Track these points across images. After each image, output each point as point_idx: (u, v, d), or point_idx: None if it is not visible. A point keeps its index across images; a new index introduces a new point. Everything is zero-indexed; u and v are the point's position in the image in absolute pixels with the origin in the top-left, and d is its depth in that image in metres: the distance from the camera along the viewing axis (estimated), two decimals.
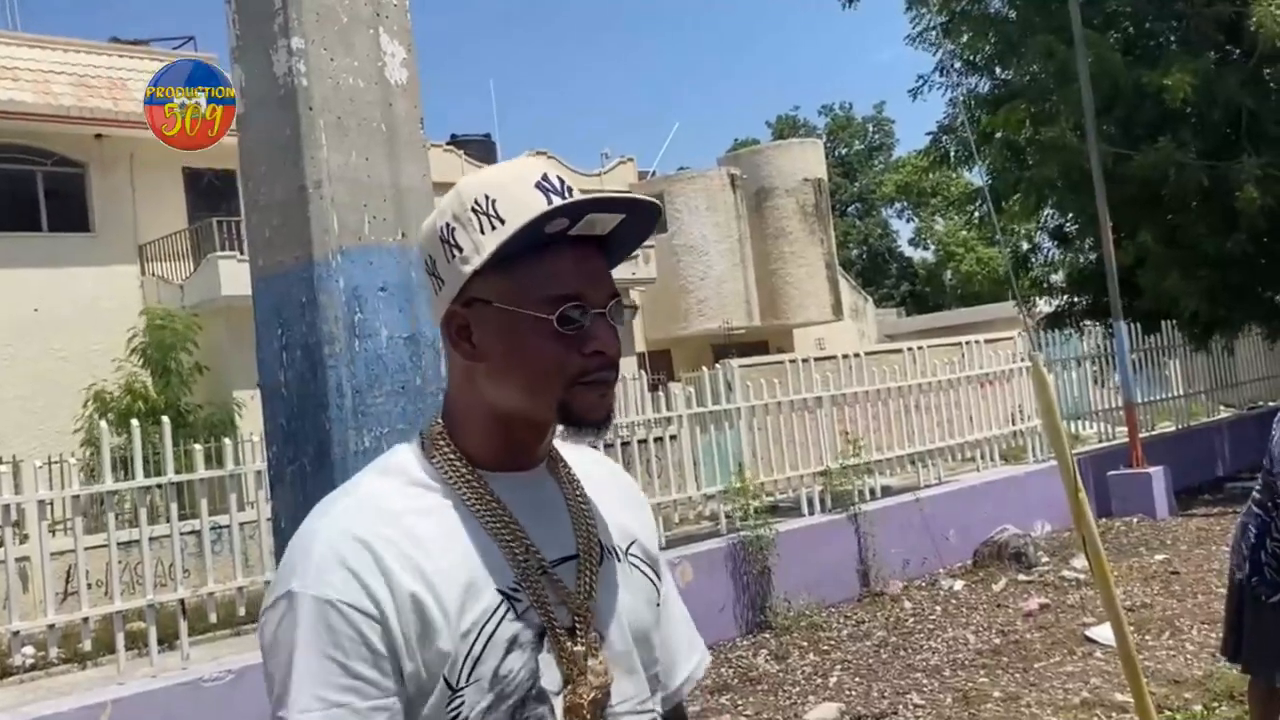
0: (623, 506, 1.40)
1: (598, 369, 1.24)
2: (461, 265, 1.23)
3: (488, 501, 1.24)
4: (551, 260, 1.22)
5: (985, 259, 42.22)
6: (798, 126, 51.17)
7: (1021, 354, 12.08)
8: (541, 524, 1.27)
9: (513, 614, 1.21)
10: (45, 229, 18.54)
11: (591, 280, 1.24)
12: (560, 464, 1.35)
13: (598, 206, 1.21)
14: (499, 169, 1.28)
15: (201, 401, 16.34)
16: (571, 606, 1.25)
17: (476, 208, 1.22)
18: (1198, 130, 12.96)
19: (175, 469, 6.53)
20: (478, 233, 1.22)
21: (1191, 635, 6.71)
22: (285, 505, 2.18)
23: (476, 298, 1.24)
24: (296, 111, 2.13)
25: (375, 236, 2.17)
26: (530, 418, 1.26)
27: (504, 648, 1.19)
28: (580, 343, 1.22)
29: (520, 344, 1.22)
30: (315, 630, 1.15)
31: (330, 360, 2.07)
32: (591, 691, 1.24)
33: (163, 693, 5.74)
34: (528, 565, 1.23)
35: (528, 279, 1.22)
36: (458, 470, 1.25)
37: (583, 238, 1.24)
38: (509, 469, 1.28)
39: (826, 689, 6.52)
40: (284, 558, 1.23)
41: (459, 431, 1.28)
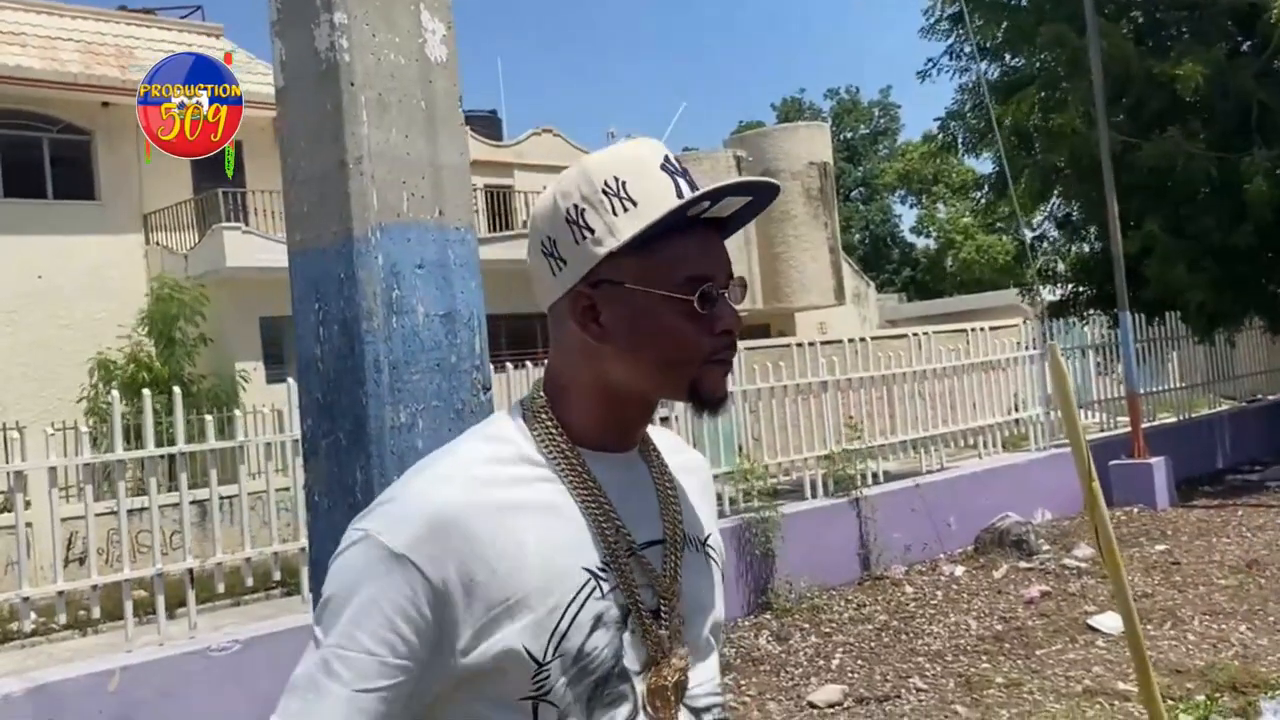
0: (700, 498, 1.42)
1: (725, 348, 1.27)
2: (594, 247, 1.24)
3: (584, 478, 1.26)
4: (684, 243, 1.24)
5: (985, 246, 42.19)
6: (803, 110, 51.08)
7: (1025, 342, 12.10)
8: (632, 506, 1.28)
9: (599, 593, 1.22)
10: (51, 196, 18.51)
11: (718, 261, 1.27)
12: (652, 449, 1.37)
13: (738, 191, 1.24)
14: (620, 150, 1.29)
15: (204, 373, 16.37)
16: (658, 589, 1.27)
17: (608, 189, 1.24)
18: (1207, 121, 12.94)
19: (182, 440, 6.55)
20: (610, 214, 1.23)
21: (1193, 626, 6.75)
22: (319, 478, 2.19)
23: (605, 279, 1.25)
24: (338, 87, 2.13)
25: (413, 214, 2.17)
26: (653, 396, 1.29)
27: (589, 625, 1.21)
28: (711, 323, 1.25)
29: (655, 325, 1.24)
30: (376, 577, 1.16)
31: (368, 336, 2.08)
32: (675, 674, 1.26)
33: (171, 661, 5.78)
34: (617, 546, 1.24)
35: (663, 261, 1.23)
36: (557, 444, 1.26)
37: (706, 220, 1.26)
38: (607, 449, 1.29)
39: (829, 671, 6.56)
40: (375, 501, 1.25)
41: (562, 407, 1.29)
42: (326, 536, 2.20)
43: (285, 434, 7.44)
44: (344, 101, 2.12)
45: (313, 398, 2.20)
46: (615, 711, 1.22)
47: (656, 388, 1.27)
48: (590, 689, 1.21)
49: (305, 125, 2.20)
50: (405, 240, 2.16)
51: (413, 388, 2.13)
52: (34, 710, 5.25)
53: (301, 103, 2.21)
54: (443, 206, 2.23)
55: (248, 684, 5.78)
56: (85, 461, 6.45)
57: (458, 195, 2.26)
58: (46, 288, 17.56)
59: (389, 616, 1.16)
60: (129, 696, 5.51)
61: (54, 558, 6.50)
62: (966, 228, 43.82)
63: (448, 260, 2.22)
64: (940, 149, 17.54)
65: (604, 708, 1.22)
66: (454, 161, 2.26)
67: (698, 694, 1.30)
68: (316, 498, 2.21)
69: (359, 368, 2.11)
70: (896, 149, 51.95)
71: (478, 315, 2.27)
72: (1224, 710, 5.21)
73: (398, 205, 2.15)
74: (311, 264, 2.19)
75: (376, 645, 1.16)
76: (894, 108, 53.53)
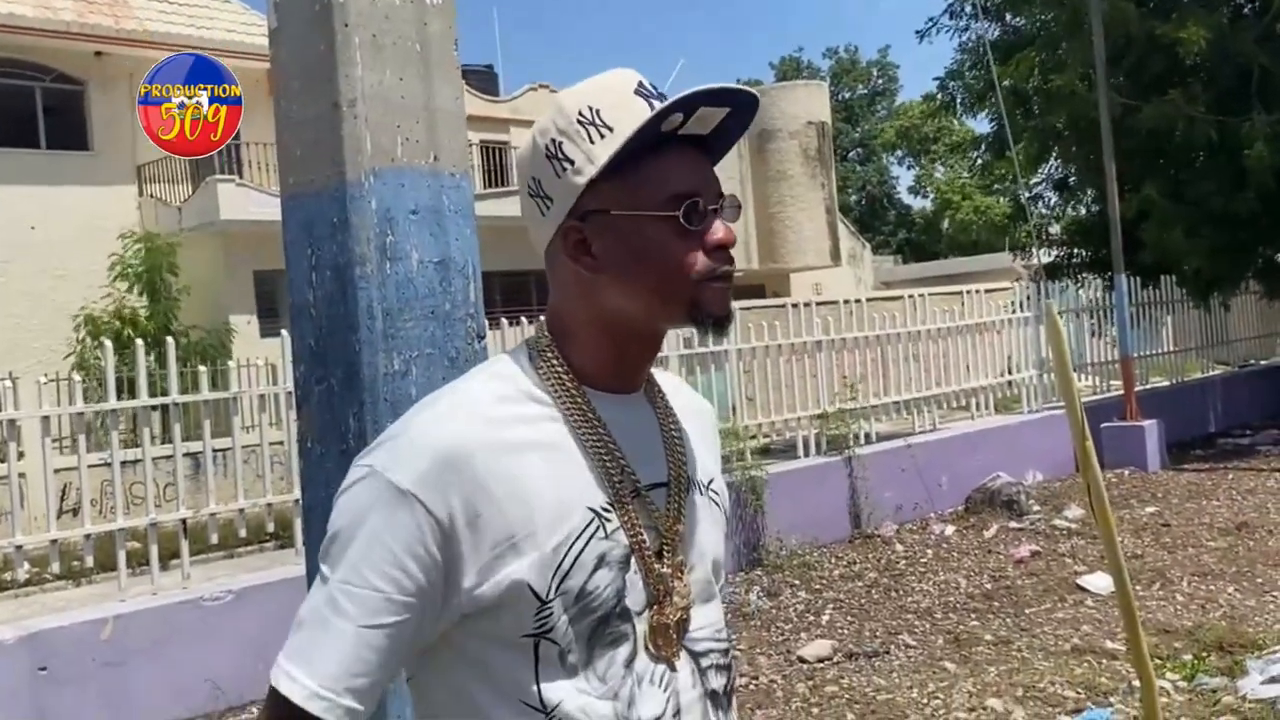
0: (703, 442, 1.41)
1: (720, 263, 1.25)
2: (575, 177, 1.23)
3: (589, 417, 1.25)
4: (664, 162, 1.23)
5: (983, 207, 42.08)
6: (801, 69, 50.74)
7: (1019, 304, 12.10)
8: (637, 447, 1.28)
9: (602, 532, 1.22)
10: (44, 146, 18.38)
11: (703, 178, 1.25)
12: (657, 391, 1.36)
13: (708, 99, 1.21)
14: (593, 82, 1.27)
15: (194, 325, 16.33)
16: (661, 529, 1.27)
17: (582, 119, 1.23)
18: (1208, 85, 12.87)
19: (175, 390, 6.54)
20: (588, 143, 1.22)
21: (1181, 586, 6.79)
22: (311, 425, 2.18)
23: (592, 209, 1.24)
24: (332, 27, 2.10)
25: (408, 158, 2.15)
26: (655, 323, 1.28)
27: (592, 564, 1.21)
28: (702, 240, 1.24)
29: (646, 247, 1.23)
30: (382, 514, 1.16)
31: (361, 282, 2.07)
32: (676, 613, 1.26)
33: (164, 610, 5.80)
34: (622, 486, 1.24)
35: (645, 182, 1.22)
36: (563, 383, 1.26)
37: (685, 138, 1.24)
38: (613, 389, 1.29)
39: (819, 627, 6.60)
40: (380, 437, 1.24)
41: (567, 345, 1.28)
42: (319, 484, 2.20)
43: (279, 386, 7.44)
44: (338, 42, 2.09)
45: (305, 344, 2.19)
46: (615, 651, 1.23)
47: (655, 313, 1.26)
48: (591, 627, 1.21)
49: (299, 67, 2.17)
50: (399, 185, 2.14)
51: (406, 335, 2.11)
52: (28, 658, 5.27)
53: (295, 44, 2.18)
54: (437, 152, 2.20)
55: (240, 634, 5.81)
56: (78, 411, 6.44)
57: (452, 140, 2.23)
58: (39, 239, 17.47)
59: (395, 553, 1.15)
60: (122, 645, 5.53)
61: (47, 508, 6.51)
62: (964, 187, 43.68)
63: (442, 206, 2.20)
64: (939, 109, 17.45)
65: (604, 647, 1.22)
66: (449, 106, 2.23)
67: (698, 636, 1.30)
68: (309, 444, 2.20)
69: (352, 314, 2.09)
70: (895, 109, 51.69)
71: (472, 263, 2.25)
72: (1211, 669, 5.25)
73: (392, 149, 2.13)
74: (304, 208, 2.17)
75: (383, 582, 1.15)
76: (892, 68, 53.26)
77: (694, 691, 1.28)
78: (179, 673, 5.65)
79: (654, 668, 1.25)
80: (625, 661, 1.23)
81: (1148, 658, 3.32)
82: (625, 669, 1.23)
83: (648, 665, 1.24)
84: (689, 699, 1.27)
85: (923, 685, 5.40)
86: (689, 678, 1.28)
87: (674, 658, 1.26)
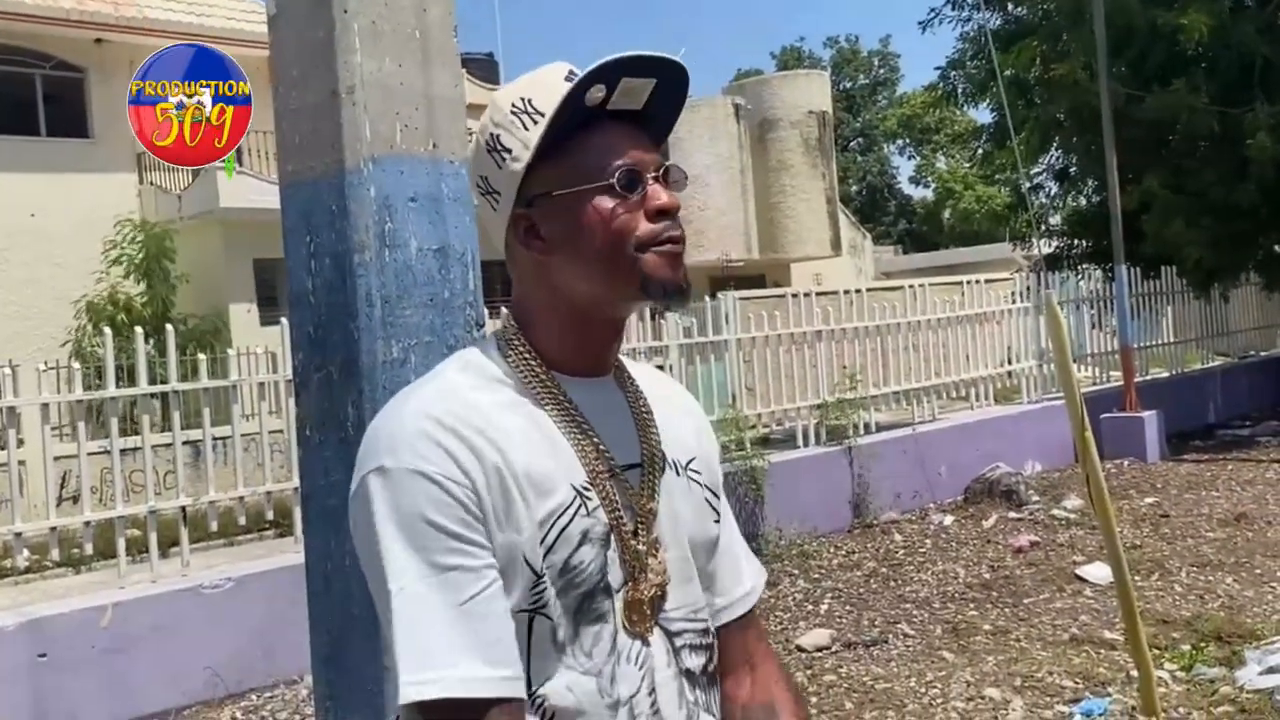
0: (683, 424, 1.42)
1: (665, 229, 1.26)
2: (514, 164, 1.26)
3: (560, 401, 1.27)
4: (597, 136, 1.25)
5: (984, 197, 42.01)
6: (802, 58, 50.65)
7: (1019, 294, 12.10)
8: (609, 429, 1.29)
9: (584, 510, 1.23)
10: (44, 134, 18.34)
11: (640, 149, 1.27)
12: (626, 375, 1.37)
13: (629, 68, 1.23)
14: (525, 77, 1.31)
15: (192, 312, 16.32)
16: (636, 508, 1.28)
17: (515, 109, 1.26)
18: (1210, 75, 12.85)
19: (175, 378, 6.53)
20: (522, 130, 1.25)
21: (1180, 577, 6.80)
22: (310, 412, 2.18)
23: (536, 194, 1.26)
24: (331, 13, 2.10)
25: (407, 145, 2.15)
26: (609, 299, 1.28)
27: (576, 540, 1.22)
28: (643, 205, 1.25)
29: (587, 221, 1.24)
30: (410, 502, 1.16)
31: (360, 269, 2.06)
32: (650, 589, 1.28)
33: (163, 597, 5.81)
34: (599, 465, 1.26)
35: (578, 158, 1.25)
36: (532, 369, 1.27)
37: (621, 116, 1.26)
38: (580, 373, 1.30)
39: (817, 616, 6.60)
40: (366, 442, 1.24)
41: (532, 333, 1.30)
42: (317, 471, 2.20)
43: (279, 374, 7.43)
44: (337, 29, 2.09)
45: (304, 331, 2.19)
46: (600, 628, 1.24)
47: (607, 289, 1.26)
48: (577, 602, 1.23)
49: (298, 54, 2.17)
50: (398, 173, 2.14)
51: (405, 322, 2.11)
52: (28, 644, 5.28)
53: (294, 30, 2.18)
54: (436, 139, 2.20)
55: (240, 622, 5.83)
56: (78, 398, 6.44)
57: (451, 128, 2.23)
58: (39, 226, 17.44)
59: (446, 529, 1.16)
60: (121, 632, 5.54)
61: (47, 495, 6.51)
62: (965, 177, 43.61)
63: (441, 194, 2.20)
64: (940, 99, 17.41)
65: (589, 623, 1.23)
66: (448, 93, 2.23)
67: (673, 616, 1.31)
68: (308, 432, 2.20)
69: (351, 301, 2.09)
70: (896, 99, 51.58)
71: (471, 251, 2.25)
72: (1209, 659, 5.26)
73: (390, 136, 2.13)
74: (303, 196, 2.17)
75: (455, 558, 1.15)
76: (894, 57, 53.11)
77: (668, 670, 1.29)
78: (178, 660, 5.66)
79: (631, 645, 1.26)
80: (610, 638, 1.25)
81: (1146, 648, 3.32)
82: (611, 646, 1.24)
83: (626, 642, 1.26)
84: (663, 677, 1.29)
85: (921, 675, 5.40)
86: (663, 656, 1.29)
87: (647, 634, 1.28)
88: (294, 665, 5.67)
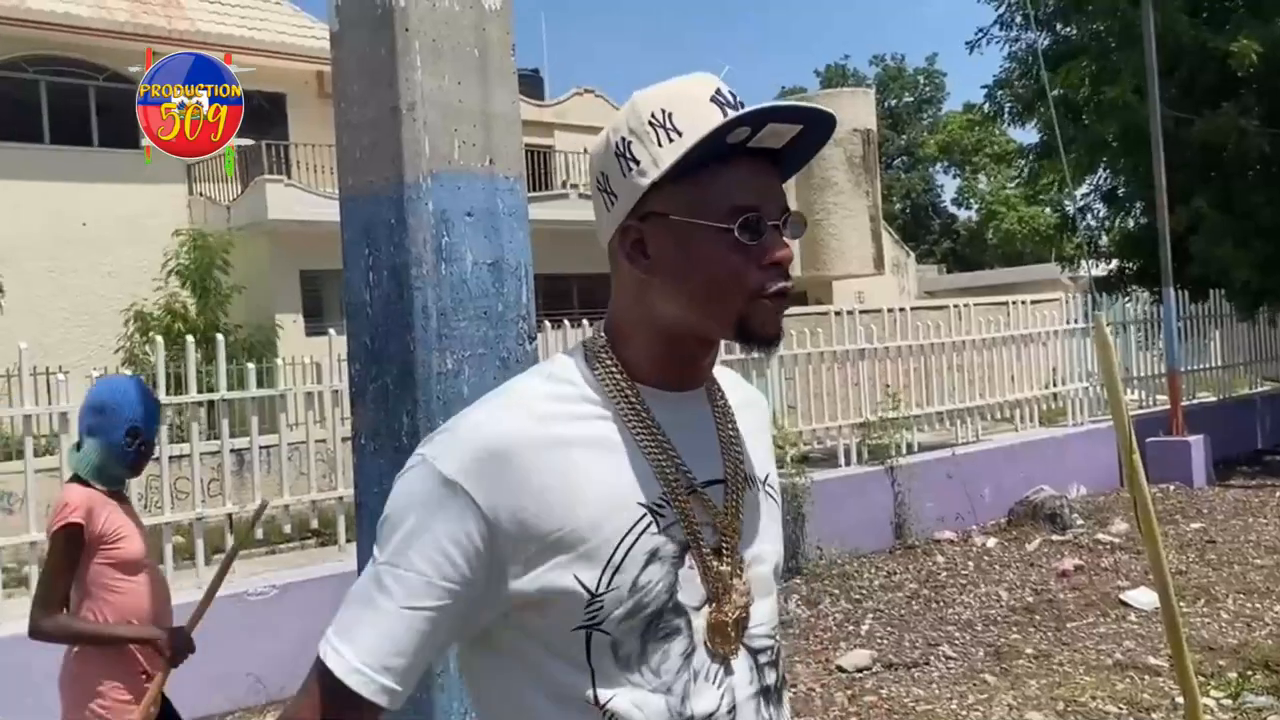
0: (759, 436, 1.42)
1: (775, 281, 1.24)
2: (639, 178, 1.23)
3: (642, 416, 1.26)
4: (729, 172, 1.23)
5: (1028, 218, 41.72)
6: (847, 76, 50.54)
7: (1067, 316, 12.00)
8: (693, 445, 1.28)
9: (655, 528, 1.23)
10: (96, 144, 18.63)
11: (767, 193, 1.25)
12: (716, 389, 1.36)
13: (779, 115, 1.21)
14: (673, 83, 1.27)
15: (241, 323, 16.49)
16: (719, 527, 1.27)
17: (654, 121, 1.23)
18: (1260, 97, 12.72)
19: (224, 387, 6.61)
20: (655, 146, 1.22)
21: (1227, 604, 6.71)
22: (366, 422, 2.22)
23: (653, 211, 1.24)
24: (393, 32, 2.13)
25: (464, 162, 2.18)
26: (702, 332, 1.27)
27: (644, 559, 1.21)
28: (758, 255, 1.23)
29: (698, 256, 1.23)
30: (429, 501, 1.19)
31: (417, 282, 2.10)
32: (735, 610, 1.27)
33: None
34: (676, 483, 1.25)
35: (706, 191, 1.22)
36: (616, 382, 1.27)
37: (756, 151, 1.24)
38: (668, 388, 1.29)
39: (858, 636, 6.57)
40: (437, 430, 1.27)
41: (622, 346, 1.29)
42: (372, 480, 2.23)
43: (324, 384, 7.50)
44: (398, 46, 2.12)
45: (361, 342, 2.22)
46: (670, 645, 1.23)
47: (702, 323, 1.26)
48: (645, 622, 1.22)
49: (359, 70, 2.20)
50: (455, 188, 2.17)
51: (460, 335, 2.14)
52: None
53: (356, 47, 2.21)
54: (493, 155, 2.23)
55: (283, 629, 5.87)
56: None
57: (508, 145, 2.26)
58: (90, 235, 17.72)
59: (439, 540, 1.18)
60: None
61: None
62: (1008, 198, 43.33)
63: (497, 209, 2.22)
64: (986, 118, 17.33)
65: (658, 640, 1.22)
66: (505, 111, 2.26)
67: (756, 634, 1.30)
68: (363, 441, 2.23)
69: (407, 314, 2.12)
70: (940, 119, 51.34)
71: (525, 265, 2.27)
72: (1256, 688, 5.19)
73: (449, 153, 2.16)
74: (363, 209, 2.20)
75: (426, 565, 1.18)
76: (939, 75, 52.89)
77: (750, 688, 1.29)
78: (222, 665, 5.70)
79: (710, 664, 1.25)
80: (682, 656, 1.23)
81: (1192, 675, 3.29)
82: (682, 663, 1.23)
83: (704, 661, 1.25)
84: (744, 695, 1.28)
85: (962, 697, 5.37)
86: (746, 674, 1.29)
87: (732, 655, 1.27)
88: None
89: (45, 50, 18.10)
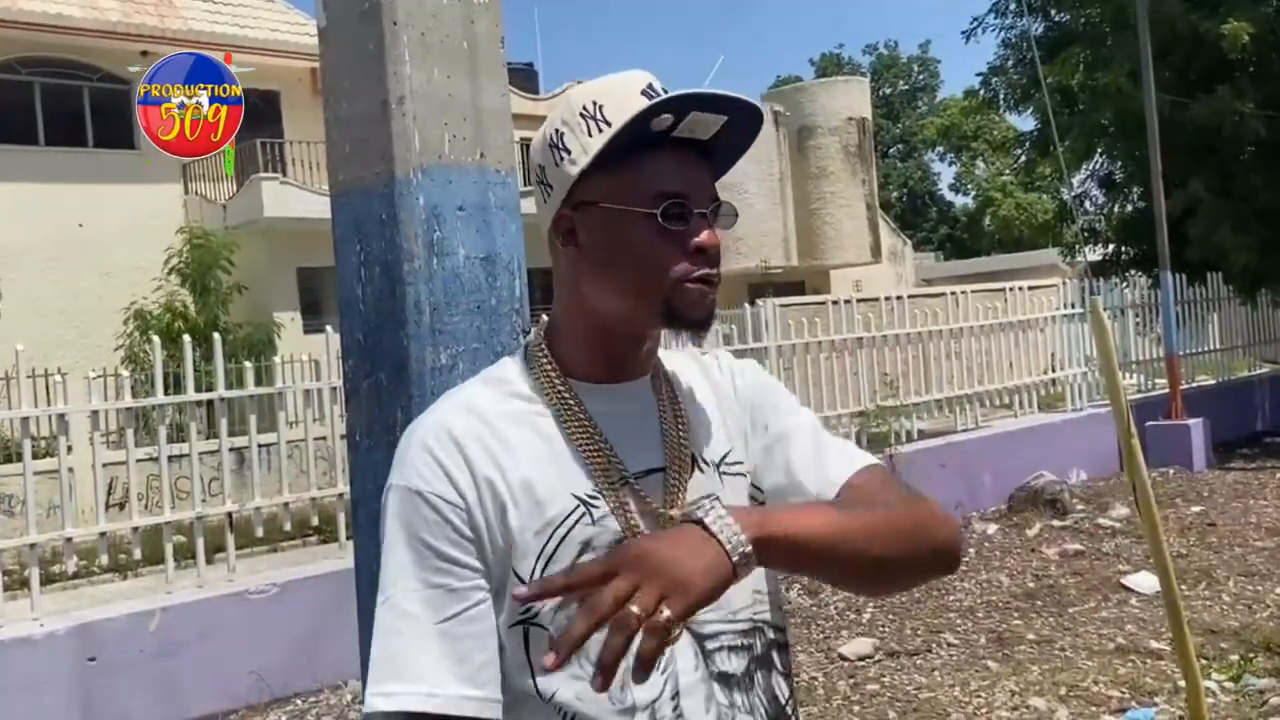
0: (718, 412, 1.39)
1: (700, 266, 1.26)
2: (569, 167, 1.27)
3: (574, 412, 1.29)
4: (655, 160, 1.26)
5: (1025, 204, 41.71)
6: (841, 65, 50.49)
7: (1064, 302, 12.00)
8: (632, 436, 1.30)
9: (588, 519, 1.25)
10: (91, 145, 18.63)
11: (695, 182, 1.27)
12: (661, 377, 1.37)
13: (700, 103, 1.23)
14: (607, 78, 1.31)
15: (240, 321, 16.48)
16: (655, 515, 1.28)
17: (585, 113, 1.26)
18: (1255, 80, 12.71)
19: (222, 386, 6.61)
20: (585, 135, 1.26)
21: (1227, 586, 6.72)
22: (360, 419, 2.21)
23: (583, 200, 1.28)
24: (381, 26, 2.12)
25: (455, 156, 2.17)
26: (631, 320, 1.29)
27: (577, 549, 1.24)
28: (682, 240, 1.26)
29: (625, 241, 1.26)
30: (408, 518, 1.22)
31: (409, 277, 2.09)
32: None
33: (210, 603, 5.88)
34: (608, 475, 1.27)
35: (632, 178, 1.25)
36: (550, 379, 1.30)
37: (686, 143, 1.27)
38: (605, 381, 1.32)
39: (860, 624, 6.58)
40: (396, 458, 1.30)
41: (559, 344, 1.33)
42: (367, 476, 2.22)
43: (323, 382, 7.50)
44: (386, 40, 2.11)
45: (354, 339, 2.21)
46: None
47: (629, 309, 1.28)
48: None
49: (347, 65, 2.19)
50: (446, 182, 2.16)
51: (453, 329, 2.13)
52: (77, 648, 5.36)
53: (344, 42, 2.20)
54: (484, 149, 2.22)
55: (284, 626, 5.88)
56: (126, 406, 6.53)
57: (498, 138, 2.25)
58: (87, 236, 17.71)
59: (436, 547, 1.21)
60: (169, 636, 5.61)
61: (95, 501, 6.60)
62: (1005, 185, 43.33)
63: (488, 203, 2.21)
64: (982, 105, 17.32)
65: None
66: (495, 104, 2.25)
67: (704, 619, 1.28)
68: (358, 438, 2.22)
69: (400, 309, 2.11)
70: (936, 105, 51.32)
71: (517, 259, 2.27)
72: (1258, 670, 5.20)
73: (439, 147, 2.15)
74: (353, 205, 2.19)
75: (438, 577, 1.21)
76: (933, 63, 52.90)
77: (696, 674, 1.28)
78: (224, 664, 5.73)
79: None
80: None
81: (1193, 658, 3.30)
82: None
83: None
84: (689, 681, 1.27)
85: (965, 684, 5.37)
86: (690, 660, 1.28)
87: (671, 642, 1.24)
88: (338, 670, 5.73)
89: (38, 52, 18.08)
